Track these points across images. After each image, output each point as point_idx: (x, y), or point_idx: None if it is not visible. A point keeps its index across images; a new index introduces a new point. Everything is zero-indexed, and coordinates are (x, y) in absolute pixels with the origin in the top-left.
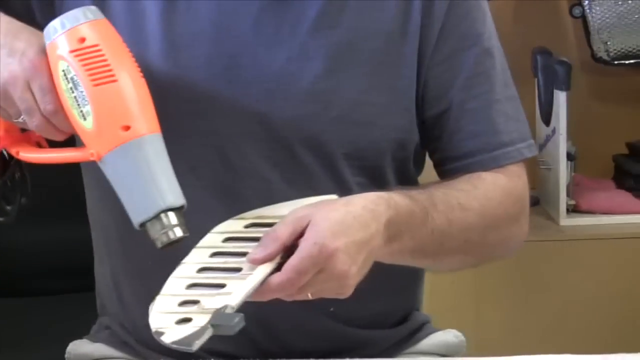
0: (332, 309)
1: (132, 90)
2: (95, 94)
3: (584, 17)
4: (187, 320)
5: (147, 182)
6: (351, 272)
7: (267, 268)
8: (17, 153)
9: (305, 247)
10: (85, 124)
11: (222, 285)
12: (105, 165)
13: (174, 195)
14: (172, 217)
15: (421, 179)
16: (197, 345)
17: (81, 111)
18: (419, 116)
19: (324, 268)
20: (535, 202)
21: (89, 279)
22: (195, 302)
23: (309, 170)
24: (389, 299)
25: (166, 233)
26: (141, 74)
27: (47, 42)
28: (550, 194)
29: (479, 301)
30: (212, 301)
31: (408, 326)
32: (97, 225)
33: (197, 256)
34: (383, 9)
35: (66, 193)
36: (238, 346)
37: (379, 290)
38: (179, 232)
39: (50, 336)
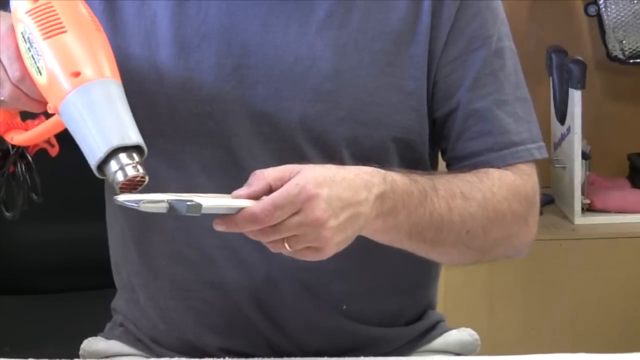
0: (344, 307)
1: (81, 39)
2: (45, 47)
3: (599, 16)
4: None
5: (97, 124)
6: (330, 223)
7: (247, 203)
8: (12, 139)
9: (286, 186)
10: (40, 79)
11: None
12: (63, 117)
13: (122, 135)
14: (124, 157)
15: None
16: (144, 205)
17: (37, 68)
18: (430, 116)
19: (301, 210)
20: (549, 200)
21: (103, 276)
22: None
23: None
24: (402, 297)
25: (117, 173)
26: (99, 28)
27: (11, 12)
28: (565, 192)
29: (492, 300)
30: (182, 197)
31: (422, 324)
32: (113, 229)
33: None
34: (392, 10)
35: (80, 190)
36: (252, 344)
37: (391, 288)
38: (130, 172)
39: (64, 333)
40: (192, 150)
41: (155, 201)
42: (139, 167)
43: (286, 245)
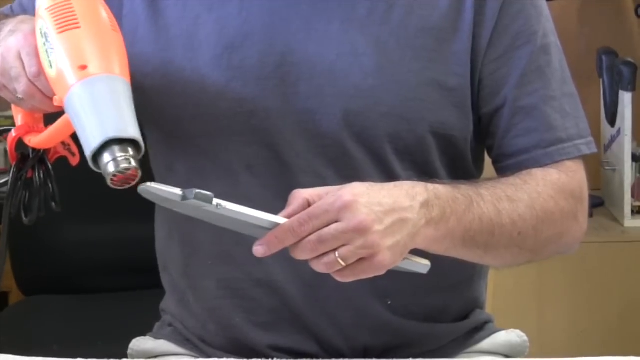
0: (389, 302)
1: (93, 35)
2: (58, 40)
3: None
4: None
5: (97, 116)
6: (375, 227)
7: (283, 220)
8: (30, 141)
9: (324, 198)
10: (51, 72)
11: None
12: (67, 109)
13: (119, 127)
14: (117, 150)
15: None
16: (152, 186)
17: (49, 62)
18: (476, 113)
19: (341, 218)
20: (599, 203)
21: (152, 276)
22: None
23: (361, 165)
24: (447, 293)
25: (109, 164)
26: (115, 29)
27: (36, 10)
28: (615, 195)
29: (541, 302)
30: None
31: (469, 323)
32: (161, 230)
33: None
34: (433, 7)
35: (130, 191)
36: (300, 341)
37: (435, 285)
38: (123, 164)
39: (113, 333)
40: (235, 148)
41: (169, 190)
42: (132, 160)
43: (339, 259)
